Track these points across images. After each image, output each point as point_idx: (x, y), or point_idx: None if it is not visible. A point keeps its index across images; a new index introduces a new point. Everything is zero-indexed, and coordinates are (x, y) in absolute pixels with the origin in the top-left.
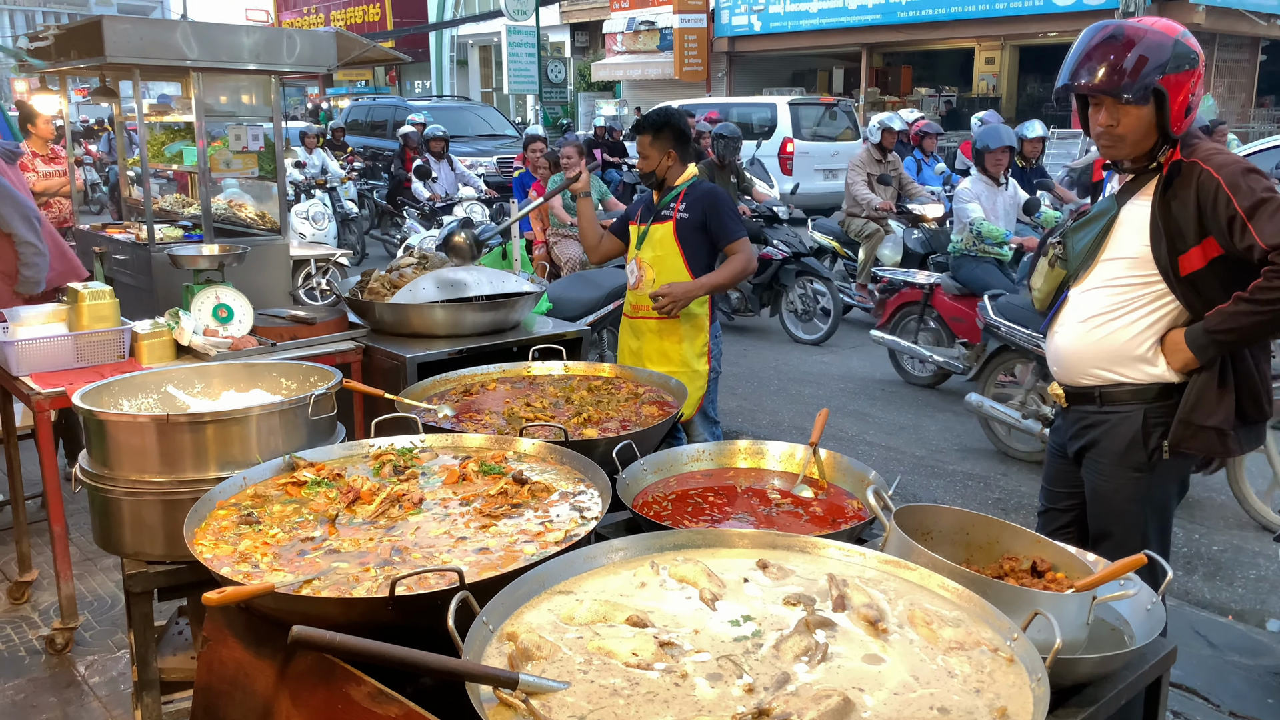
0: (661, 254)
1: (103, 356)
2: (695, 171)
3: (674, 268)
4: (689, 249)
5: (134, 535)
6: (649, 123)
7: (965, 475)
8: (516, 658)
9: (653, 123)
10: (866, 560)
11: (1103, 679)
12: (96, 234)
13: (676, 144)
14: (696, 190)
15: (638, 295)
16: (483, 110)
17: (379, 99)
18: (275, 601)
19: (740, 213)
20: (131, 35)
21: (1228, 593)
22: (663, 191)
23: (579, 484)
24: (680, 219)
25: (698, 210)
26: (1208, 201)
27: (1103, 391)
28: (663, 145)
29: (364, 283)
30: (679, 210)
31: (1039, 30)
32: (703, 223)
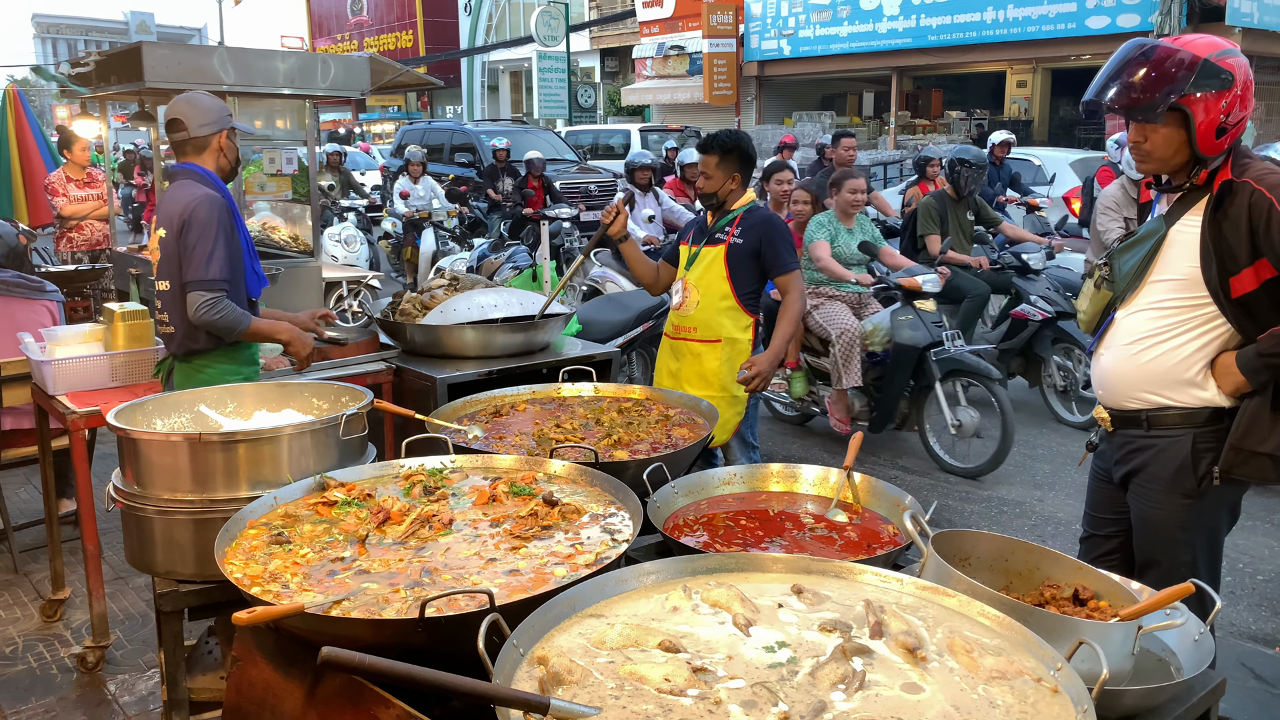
0: (710, 277)
1: (137, 376)
2: (753, 196)
3: (719, 292)
4: (736, 275)
5: (166, 554)
6: (718, 143)
7: (1001, 500)
8: (547, 682)
9: (721, 143)
10: (904, 586)
11: (1149, 712)
12: (133, 255)
13: (741, 167)
14: (753, 216)
15: (680, 315)
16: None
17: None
18: (305, 622)
19: (976, 264)
20: (170, 61)
21: (1275, 624)
22: (719, 214)
23: (609, 506)
24: (733, 244)
25: (753, 237)
26: (1260, 222)
27: (1150, 415)
28: (729, 168)
29: (395, 304)
30: (733, 235)
31: (1071, 53)
32: (756, 250)
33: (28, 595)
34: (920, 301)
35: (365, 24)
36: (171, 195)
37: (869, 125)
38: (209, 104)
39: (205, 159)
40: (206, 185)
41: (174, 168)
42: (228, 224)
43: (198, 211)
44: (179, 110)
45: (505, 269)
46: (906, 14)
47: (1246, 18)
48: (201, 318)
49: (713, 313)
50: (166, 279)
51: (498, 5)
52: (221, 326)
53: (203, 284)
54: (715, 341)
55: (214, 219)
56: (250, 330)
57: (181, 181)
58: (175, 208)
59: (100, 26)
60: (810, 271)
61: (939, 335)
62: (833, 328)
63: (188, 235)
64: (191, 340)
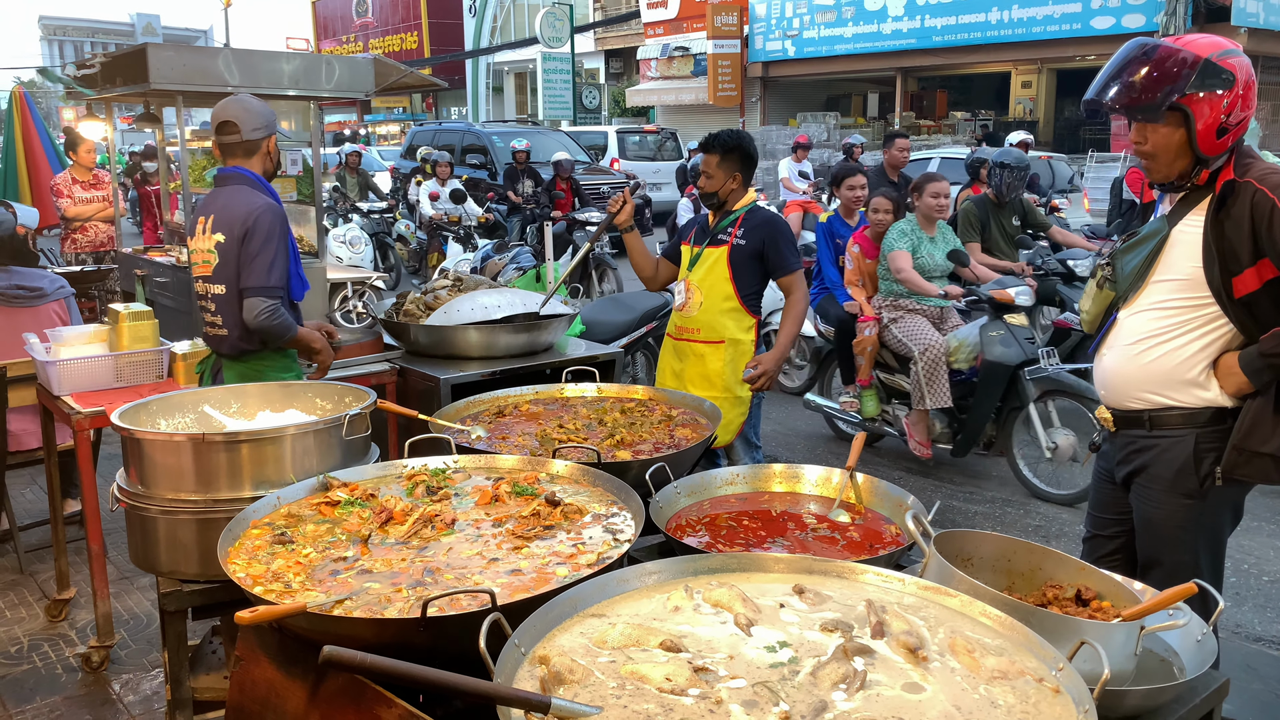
0: (712, 278)
1: (142, 377)
2: (754, 197)
3: (722, 293)
4: (739, 275)
5: (169, 554)
6: (719, 142)
7: (1005, 501)
8: (548, 681)
9: (724, 143)
10: (905, 586)
11: (1152, 712)
12: (138, 257)
13: (743, 167)
14: (756, 217)
15: (683, 317)
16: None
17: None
18: (307, 621)
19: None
20: (175, 62)
21: (1279, 625)
22: (721, 214)
23: (612, 506)
24: (736, 244)
25: (756, 238)
26: (1262, 223)
27: (1152, 415)
28: (730, 167)
29: (399, 304)
30: (736, 235)
31: (1076, 54)
32: (759, 251)
33: (33, 595)
34: (1011, 315)
35: (370, 25)
36: (230, 200)
37: (873, 126)
38: (260, 108)
39: (254, 162)
40: (261, 191)
41: (224, 171)
42: (285, 232)
43: (261, 220)
44: (233, 113)
45: (509, 270)
46: (911, 14)
47: (1252, 18)
48: (260, 323)
49: (716, 314)
50: (223, 283)
51: (502, 7)
52: (276, 332)
53: (264, 290)
54: (719, 342)
55: (276, 228)
56: (295, 338)
57: (237, 186)
58: (237, 214)
59: (106, 28)
60: (887, 283)
61: (1033, 352)
62: (915, 344)
63: (250, 242)
64: (245, 342)
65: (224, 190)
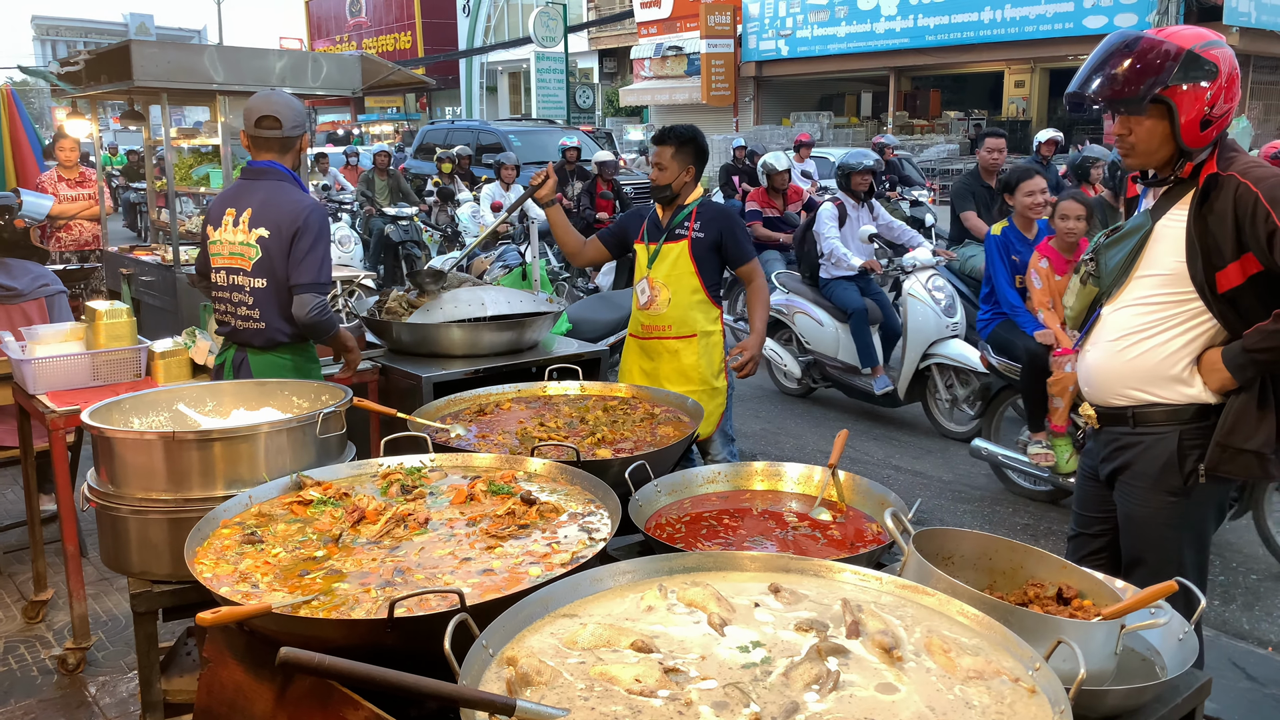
0: (677, 273)
1: (119, 375)
2: (703, 191)
3: (689, 287)
4: (703, 268)
5: (140, 554)
6: (674, 135)
7: (993, 500)
8: (516, 683)
9: (678, 135)
10: (883, 585)
11: (1133, 712)
12: (124, 256)
13: (696, 161)
14: (710, 209)
15: (650, 315)
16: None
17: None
18: (273, 622)
19: None
20: (159, 59)
21: (1267, 624)
22: (673, 209)
23: (589, 505)
24: (695, 238)
25: (714, 229)
26: (1246, 216)
27: (1136, 412)
28: (684, 160)
29: (382, 302)
30: (694, 229)
31: (1069, 53)
32: (717, 242)
33: (10, 596)
34: None
35: (364, 25)
36: (273, 196)
37: (867, 125)
38: (299, 106)
39: (287, 159)
40: (300, 189)
41: (258, 164)
42: (329, 231)
43: (312, 219)
44: (276, 108)
45: (495, 268)
46: (904, 14)
47: (1244, 17)
48: (312, 318)
49: (685, 308)
50: (265, 277)
51: (496, 6)
52: (324, 327)
53: (315, 287)
54: (690, 336)
55: (325, 227)
56: (337, 334)
57: (278, 183)
58: (284, 212)
59: (100, 28)
60: None
61: None
62: None
63: (301, 240)
64: (282, 335)
65: (261, 184)
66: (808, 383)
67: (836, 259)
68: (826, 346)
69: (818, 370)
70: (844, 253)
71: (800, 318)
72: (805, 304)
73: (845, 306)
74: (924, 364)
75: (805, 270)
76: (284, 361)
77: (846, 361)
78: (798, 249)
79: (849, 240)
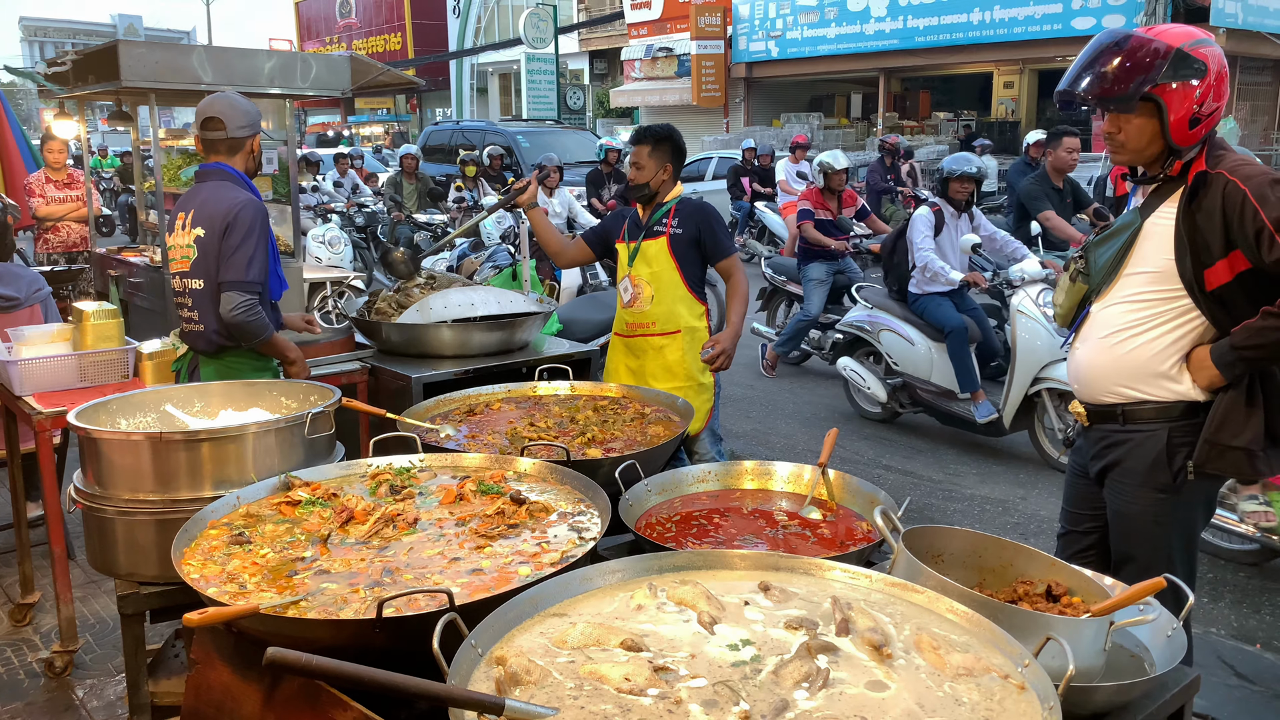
0: (657, 270)
1: (106, 376)
2: (683, 189)
3: (671, 282)
4: (684, 264)
5: (128, 556)
6: (650, 134)
7: (984, 499)
8: (504, 682)
9: (654, 134)
10: (872, 583)
11: (1122, 709)
12: (112, 257)
13: (674, 159)
14: (688, 206)
15: (634, 313)
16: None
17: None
18: (261, 623)
19: None
20: (147, 60)
21: (1255, 620)
22: (652, 207)
23: (579, 504)
24: (674, 234)
25: (691, 225)
26: (1234, 213)
27: (1125, 409)
28: (661, 158)
29: (372, 303)
30: (672, 226)
31: (1057, 54)
32: (696, 238)
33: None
34: None
35: (354, 26)
36: (211, 195)
37: (857, 126)
38: (247, 107)
39: (237, 160)
40: (243, 187)
41: (206, 167)
42: (266, 229)
43: (243, 215)
44: (219, 109)
45: (485, 268)
46: (894, 15)
47: (1231, 18)
48: (235, 318)
49: (669, 304)
50: (201, 278)
51: (486, 7)
52: (250, 329)
53: (241, 285)
54: (675, 333)
55: (257, 223)
56: (270, 341)
57: (219, 182)
58: (218, 209)
59: (88, 30)
60: None
61: None
62: None
63: (230, 237)
64: (222, 338)
65: (205, 186)
66: (894, 406)
67: (933, 272)
68: (918, 368)
69: (906, 394)
70: (941, 265)
71: (887, 335)
72: (893, 320)
73: (941, 324)
74: (1034, 389)
75: (893, 283)
76: (230, 367)
77: (941, 385)
78: (885, 260)
79: (946, 252)
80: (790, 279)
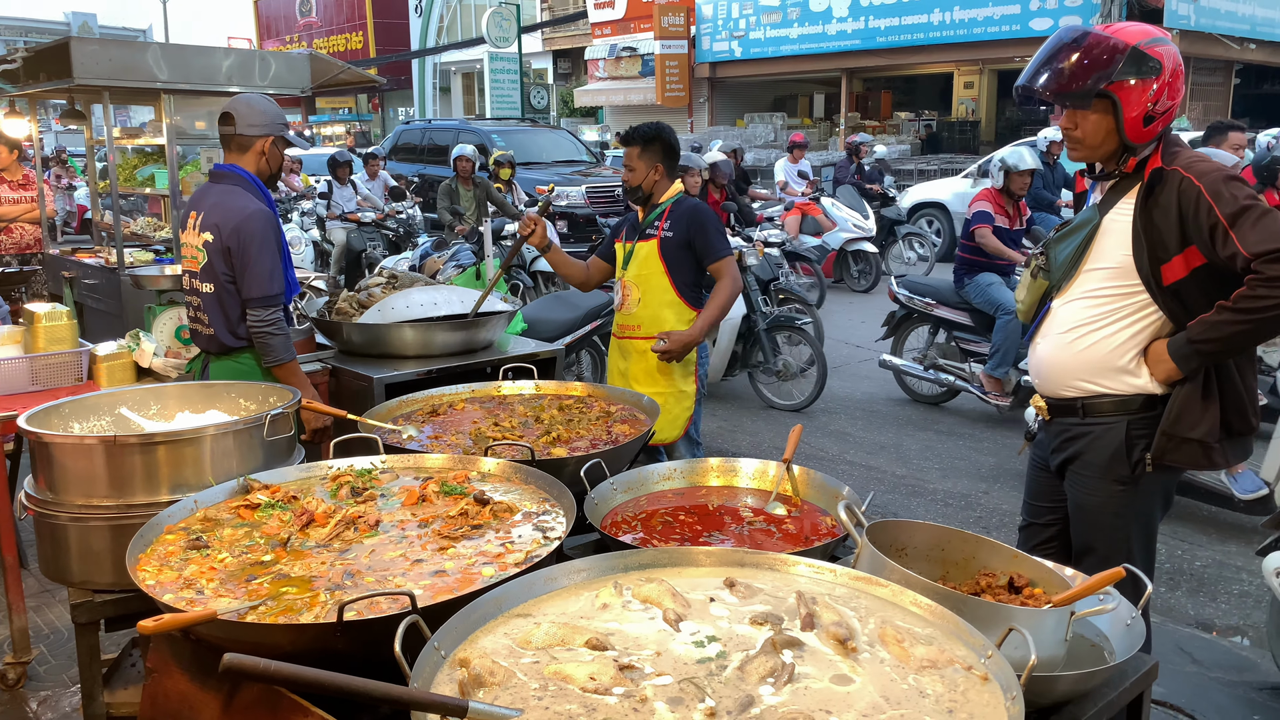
0: (646, 273)
1: (59, 379)
2: (681, 188)
3: (658, 286)
4: (673, 267)
5: (81, 563)
6: (639, 134)
7: (946, 494)
8: (468, 684)
9: (643, 135)
10: (837, 577)
11: (1083, 697)
12: (66, 259)
13: (665, 158)
14: (681, 207)
15: (624, 315)
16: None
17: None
18: (219, 629)
19: None
20: (100, 57)
21: (1211, 608)
22: (647, 208)
23: (544, 504)
24: (664, 237)
25: (682, 227)
26: (1189, 209)
27: (1085, 403)
28: (651, 158)
29: (332, 303)
30: (663, 228)
31: (1016, 54)
32: (687, 240)
33: None
34: None
35: (315, 25)
36: (220, 200)
37: (820, 126)
38: (264, 107)
39: (247, 160)
40: (254, 194)
41: (220, 167)
42: (278, 237)
43: (253, 227)
44: (233, 106)
45: (448, 268)
46: (855, 16)
47: (1184, 20)
48: (261, 335)
49: (655, 308)
50: (210, 282)
51: (449, 6)
52: (274, 349)
53: (264, 300)
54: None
55: (270, 234)
56: (288, 367)
57: (230, 186)
58: (228, 217)
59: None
60: None
61: None
62: None
63: (245, 250)
64: (228, 339)
65: (217, 188)
66: None
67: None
68: None
69: None
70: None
71: None
72: None
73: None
74: None
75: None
76: (243, 365)
77: None
78: None
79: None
80: (937, 300)
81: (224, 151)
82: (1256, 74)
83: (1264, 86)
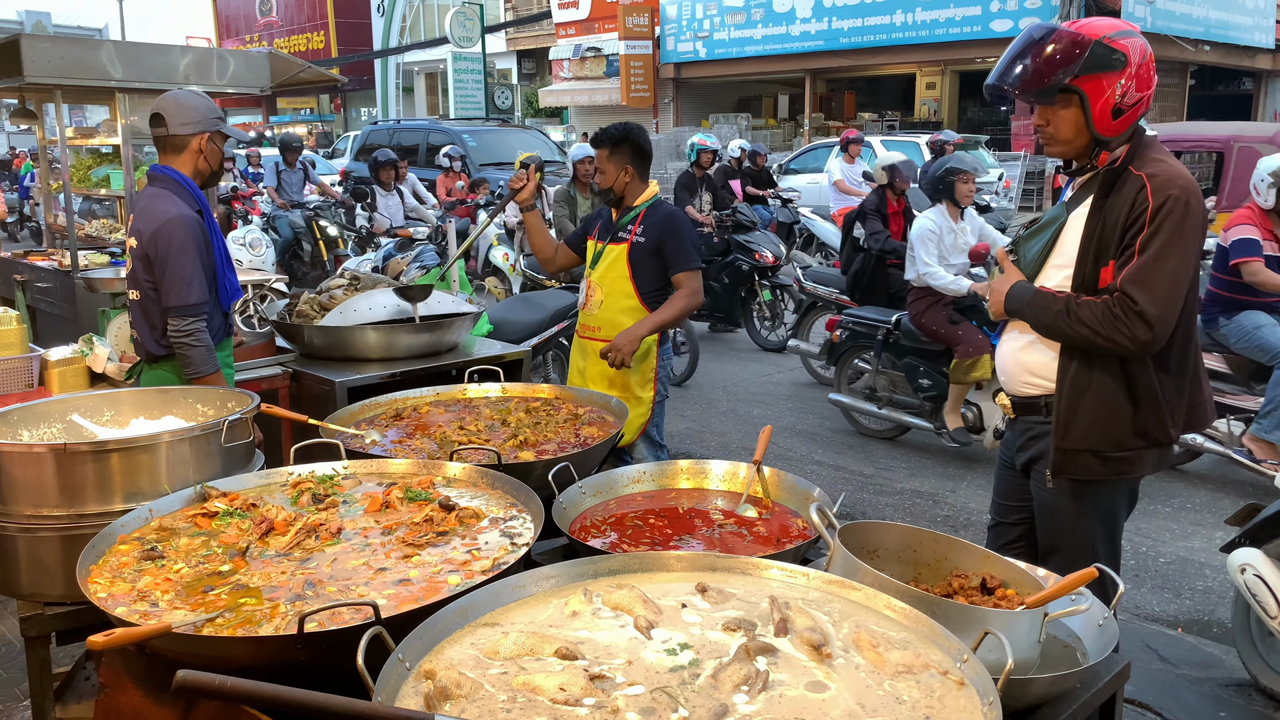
0: (612, 276)
1: (9, 385)
2: (656, 190)
3: (622, 291)
4: (639, 273)
5: (30, 575)
6: (607, 136)
7: (914, 492)
8: (434, 697)
9: (611, 137)
10: (810, 581)
11: (1057, 699)
12: (18, 261)
13: (635, 160)
14: (656, 212)
15: (586, 315)
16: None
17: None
18: (173, 643)
19: None
20: (52, 55)
21: (1176, 605)
22: (621, 210)
23: (511, 509)
24: (635, 242)
25: (654, 234)
26: (1135, 220)
27: (1048, 401)
28: (620, 160)
29: (292, 305)
30: (635, 233)
31: (978, 55)
32: (658, 247)
33: None
34: None
35: (275, 25)
36: (146, 205)
37: (784, 127)
38: (194, 104)
39: (183, 161)
40: (179, 197)
41: (154, 170)
42: (200, 242)
43: (170, 233)
44: (162, 106)
45: (412, 269)
46: (819, 17)
47: (1140, 21)
48: (178, 345)
49: (616, 312)
50: (136, 289)
51: (411, 6)
52: (193, 360)
53: (181, 310)
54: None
55: (187, 241)
56: (207, 380)
57: (158, 190)
58: (149, 223)
59: None
60: None
61: None
62: None
63: (162, 259)
64: (155, 348)
65: (147, 191)
66: None
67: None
68: None
69: None
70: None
71: None
72: None
73: None
74: None
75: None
76: (168, 375)
77: None
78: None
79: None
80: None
81: (159, 153)
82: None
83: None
